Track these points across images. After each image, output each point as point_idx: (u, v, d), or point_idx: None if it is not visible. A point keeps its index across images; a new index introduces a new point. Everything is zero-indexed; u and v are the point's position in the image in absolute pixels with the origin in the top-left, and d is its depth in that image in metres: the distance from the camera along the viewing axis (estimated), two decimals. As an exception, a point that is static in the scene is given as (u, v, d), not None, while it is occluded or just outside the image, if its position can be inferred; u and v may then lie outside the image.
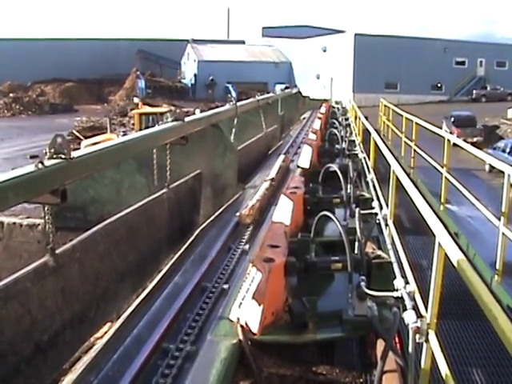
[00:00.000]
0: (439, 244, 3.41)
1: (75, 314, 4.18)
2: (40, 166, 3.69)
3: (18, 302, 3.47)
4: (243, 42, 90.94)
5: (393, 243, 5.73)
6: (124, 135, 28.47)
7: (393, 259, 4.95)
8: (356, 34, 65.58)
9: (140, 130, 26.76)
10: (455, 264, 3.07)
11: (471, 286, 2.79)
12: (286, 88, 34.83)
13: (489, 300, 2.53)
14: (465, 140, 19.06)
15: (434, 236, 3.54)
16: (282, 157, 10.86)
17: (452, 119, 35.59)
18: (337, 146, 11.81)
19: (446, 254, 3.31)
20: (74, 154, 4.12)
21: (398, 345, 4.20)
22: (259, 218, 7.32)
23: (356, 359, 4.80)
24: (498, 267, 6.96)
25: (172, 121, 6.75)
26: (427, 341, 3.46)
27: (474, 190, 9.03)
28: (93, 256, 4.50)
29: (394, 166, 6.48)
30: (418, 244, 10.48)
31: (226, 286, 5.18)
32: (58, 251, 3.94)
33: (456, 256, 3.10)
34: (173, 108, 38.47)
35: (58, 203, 3.85)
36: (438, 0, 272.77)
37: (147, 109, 29.57)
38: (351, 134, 15.66)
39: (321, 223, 5.46)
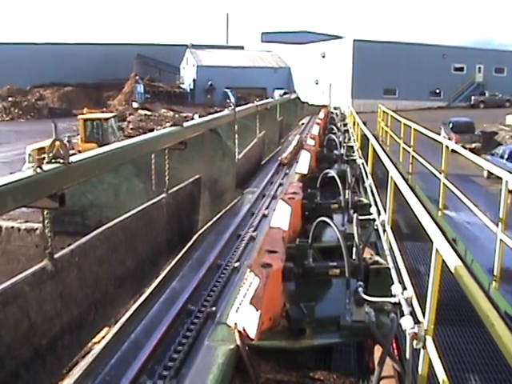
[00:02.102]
0: (437, 250, 3.42)
1: (74, 318, 4.18)
2: (38, 170, 3.69)
3: (16, 306, 3.46)
4: (242, 48, 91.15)
5: (391, 249, 5.74)
6: (68, 140, 28.33)
7: (391, 265, 4.95)
8: (355, 40, 65.73)
9: (84, 136, 26.68)
10: (452, 270, 3.08)
11: (468, 292, 2.80)
12: (285, 93, 34.86)
13: (486, 306, 2.53)
14: (463, 146, 19.13)
15: (432, 242, 3.54)
16: (297, 136, 15.01)
17: (450, 125, 35.69)
18: (335, 151, 11.82)
19: (443, 260, 3.31)
20: (73, 158, 4.13)
21: (395, 351, 4.20)
22: (292, 161, 11.74)
23: (353, 365, 4.80)
24: (495, 273, 6.97)
25: (171, 126, 6.76)
26: (424, 347, 3.47)
27: (472, 196, 9.04)
28: (91, 261, 4.50)
29: (392, 172, 6.49)
30: (415, 250, 10.49)
31: (223, 292, 5.18)
32: (56, 256, 3.94)
33: (453, 262, 3.10)
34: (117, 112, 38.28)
35: (56, 208, 3.85)
36: (436, 6, 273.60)
37: (91, 114, 29.30)
38: (349, 139, 15.68)
39: (319, 229, 5.46)
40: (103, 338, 4.56)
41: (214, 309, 4.74)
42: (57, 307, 3.92)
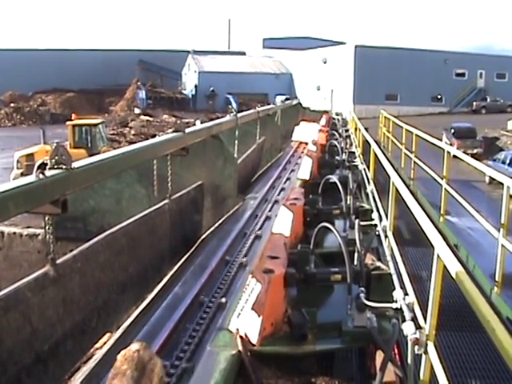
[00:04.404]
0: (438, 256, 3.42)
1: (76, 324, 4.18)
2: (41, 176, 3.69)
3: (18, 311, 3.47)
4: (244, 53, 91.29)
5: (392, 254, 5.74)
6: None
7: (392, 271, 4.96)
8: (356, 46, 65.83)
9: (73, 141, 26.58)
10: (454, 275, 3.08)
11: (469, 297, 2.80)
12: (287, 99, 34.89)
13: (487, 311, 2.54)
14: (465, 152, 19.12)
15: (433, 248, 3.55)
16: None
17: (452, 131, 35.67)
18: (337, 157, 11.82)
19: (444, 266, 3.32)
20: (75, 164, 4.13)
21: (397, 356, 4.20)
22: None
23: (355, 370, 4.81)
24: (497, 279, 6.97)
25: (172, 132, 6.78)
26: (426, 352, 3.47)
27: (474, 202, 9.05)
28: (94, 266, 4.50)
29: (394, 178, 6.50)
30: (417, 255, 10.49)
31: (224, 298, 5.18)
32: (58, 261, 3.94)
33: (455, 267, 3.11)
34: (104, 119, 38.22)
35: (58, 213, 3.85)
36: (437, 12, 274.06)
37: (80, 120, 29.07)
38: (351, 145, 15.69)
39: (320, 234, 5.47)
40: (105, 343, 4.57)
41: (215, 314, 4.74)
42: (59, 313, 3.92)
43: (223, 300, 5.06)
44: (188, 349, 4.17)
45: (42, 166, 3.88)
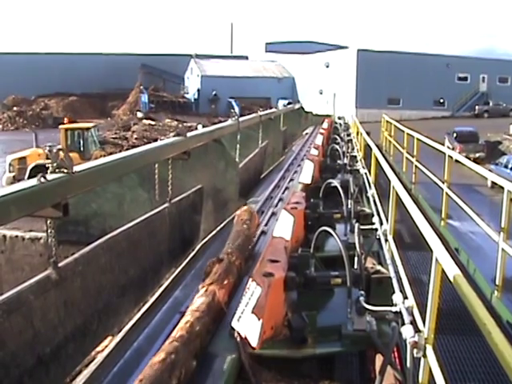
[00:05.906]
0: (436, 259, 3.44)
1: (77, 326, 4.20)
2: (42, 180, 3.73)
3: (20, 314, 3.49)
4: (246, 58, 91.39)
5: (392, 258, 5.75)
6: (50, 150, 28.34)
7: (392, 274, 4.96)
8: (359, 50, 65.90)
9: (65, 145, 26.60)
10: (452, 279, 3.10)
11: (467, 300, 2.82)
12: (289, 103, 34.97)
13: (483, 314, 2.55)
14: (467, 156, 19.11)
15: (432, 251, 3.57)
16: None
17: (454, 135, 35.70)
18: (338, 161, 11.80)
19: (443, 270, 3.34)
20: (76, 168, 4.16)
21: (396, 359, 4.21)
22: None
23: (355, 374, 4.81)
24: (497, 283, 6.97)
25: (174, 136, 6.81)
26: (425, 356, 3.48)
27: (476, 206, 9.05)
28: (95, 269, 4.53)
29: (394, 182, 6.52)
30: (417, 259, 10.49)
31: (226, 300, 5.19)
32: (60, 264, 3.97)
33: (453, 271, 3.13)
34: (97, 123, 38.38)
35: (60, 217, 3.88)
36: (440, 16, 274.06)
37: (72, 124, 29.18)
38: (353, 149, 15.69)
39: (321, 238, 5.48)
40: (106, 346, 4.59)
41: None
42: (60, 316, 3.94)
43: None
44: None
45: (38, 169, 3.92)
